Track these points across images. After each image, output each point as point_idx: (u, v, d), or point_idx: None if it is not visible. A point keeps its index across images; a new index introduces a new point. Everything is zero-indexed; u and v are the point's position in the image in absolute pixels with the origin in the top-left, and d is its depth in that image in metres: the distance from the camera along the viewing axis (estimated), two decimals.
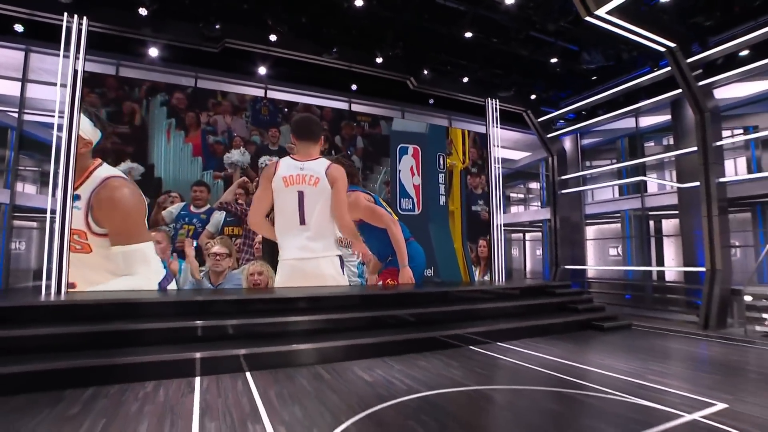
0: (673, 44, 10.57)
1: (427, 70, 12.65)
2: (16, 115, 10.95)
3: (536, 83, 14.26)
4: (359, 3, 9.72)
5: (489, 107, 14.02)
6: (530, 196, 25.38)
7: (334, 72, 12.29)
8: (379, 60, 11.74)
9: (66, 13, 8.90)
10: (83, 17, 9.07)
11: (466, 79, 13.39)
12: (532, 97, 14.91)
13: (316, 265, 10.97)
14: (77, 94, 8.95)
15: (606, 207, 16.67)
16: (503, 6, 9.57)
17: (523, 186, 25.50)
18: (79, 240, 8.79)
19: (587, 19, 9.30)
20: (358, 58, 11.84)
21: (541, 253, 21.23)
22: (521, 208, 25.27)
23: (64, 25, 8.86)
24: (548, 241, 17.14)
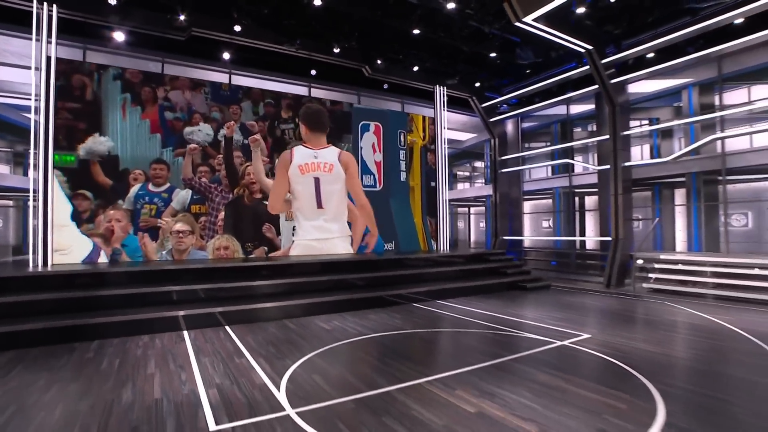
0: (590, 47, 12.33)
1: (381, 59, 13.76)
2: None
3: (480, 72, 15.75)
4: (317, 1, 10.67)
5: (437, 93, 15.45)
6: (475, 174, 27.36)
7: (295, 59, 13.14)
8: (337, 50, 12.74)
9: (35, 0, 9.31)
10: (53, 5, 9.51)
11: (417, 68, 14.63)
12: (477, 84, 16.44)
13: (333, 245, 12.43)
14: (51, 79, 9.50)
15: (540, 185, 18.76)
16: (445, 10, 10.84)
17: (469, 165, 27.38)
18: None
19: (517, 24, 10.82)
20: (316, 48, 12.74)
21: (484, 226, 23.39)
22: (467, 185, 27.25)
23: (34, 12, 9.29)
24: (490, 215, 19.08)
